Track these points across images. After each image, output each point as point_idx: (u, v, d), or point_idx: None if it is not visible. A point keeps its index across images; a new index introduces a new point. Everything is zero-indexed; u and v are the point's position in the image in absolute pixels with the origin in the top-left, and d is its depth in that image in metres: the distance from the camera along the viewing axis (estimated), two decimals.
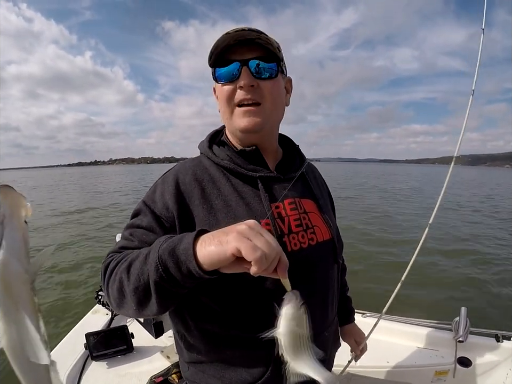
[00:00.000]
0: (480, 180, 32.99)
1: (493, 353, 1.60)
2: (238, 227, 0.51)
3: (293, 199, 0.79)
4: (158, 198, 0.73)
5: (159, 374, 1.47)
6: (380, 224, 8.88)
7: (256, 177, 0.76)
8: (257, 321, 0.71)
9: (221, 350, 0.74)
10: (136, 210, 0.76)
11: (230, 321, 0.72)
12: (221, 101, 0.76)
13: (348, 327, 1.12)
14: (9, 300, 0.31)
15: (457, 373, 1.57)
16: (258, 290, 0.70)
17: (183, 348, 0.80)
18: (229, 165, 0.76)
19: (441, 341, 1.69)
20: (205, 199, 0.72)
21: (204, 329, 0.74)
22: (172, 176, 0.76)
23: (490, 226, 8.92)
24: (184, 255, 0.52)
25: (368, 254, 6.10)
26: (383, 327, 1.78)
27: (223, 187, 0.75)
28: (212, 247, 0.50)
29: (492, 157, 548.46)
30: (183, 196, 0.72)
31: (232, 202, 0.73)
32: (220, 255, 0.49)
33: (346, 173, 49.29)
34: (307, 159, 0.93)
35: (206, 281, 0.58)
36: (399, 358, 1.64)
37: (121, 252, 0.67)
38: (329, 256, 0.83)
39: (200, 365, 0.78)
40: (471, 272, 5.28)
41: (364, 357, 1.15)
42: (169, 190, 0.73)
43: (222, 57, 0.72)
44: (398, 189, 20.37)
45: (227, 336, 0.73)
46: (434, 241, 6.86)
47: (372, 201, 13.36)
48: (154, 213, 0.72)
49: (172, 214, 0.70)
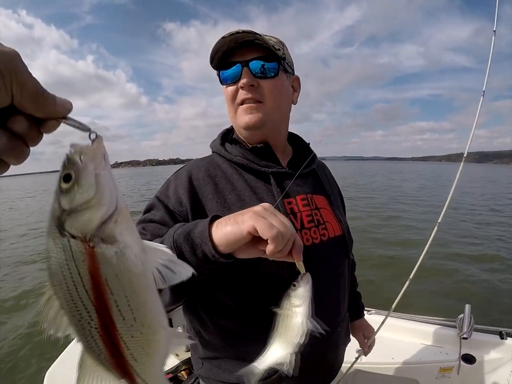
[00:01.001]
0: (490, 178, 32.32)
1: (497, 350, 1.61)
2: (253, 208, 0.53)
3: (305, 195, 0.81)
4: (172, 193, 0.75)
5: (169, 371, 1.51)
6: (389, 224, 8.84)
7: (268, 172, 0.78)
8: (271, 316, 0.73)
9: (237, 345, 0.76)
10: (148, 205, 0.77)
11: (245, 317, 0.74)
12: (226, 102, 0.81)
13: (357, 322, 1.14)
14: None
15: (462, 370, 1.58)
16: (272, 284, 0.70)
17: (199, 344, 0.82)
18: (242, 161, 0.79)
19: (445, 338, 1.70)
20: (219, 194, 0.75)
21: (220, 325, 0.76)
22: (185, 172, 0.78)
23: (499, 225, 8.82)
24: (199, 238, 0.54)
25: (375, 252, 6.10)
26: (388, 324, 1.77)
27: (236, 182, 0.77)
28: (228, 227, 0.52)
29: (499, 154, 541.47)
30: (196, 191, 0.74)
31: (246, 197, 0.75)
32: (236, 235, 0.51)
33: (352, 172, 48.90)
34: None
35: (219, 276, 0.60)
36: (404, 355, 1.66)
37: None
38: (341, 251, 0.84)
39: (216, 360, 0.80)
40: (476, 269, 5.26)
41: (370, 353, 1.17)
42: (183, 185, 0.74)
43: (225, 60, 0.76)
44: (409, 188, 20.13)
45: (243, 331, 0.75)
46: (441, 239, 6.84)
47: (381, 200, 13.28)
48: (168, 208, 0.73)
49: (185, 208, 0.72)
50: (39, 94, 0.30)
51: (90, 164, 0.33)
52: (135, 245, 0.35)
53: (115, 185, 0.35)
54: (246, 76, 0.73)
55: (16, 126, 0.30)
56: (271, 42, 0.72)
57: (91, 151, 0.33)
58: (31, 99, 0.29)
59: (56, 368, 1.57)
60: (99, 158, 0.33)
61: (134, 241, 0.35)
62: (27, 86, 0.29)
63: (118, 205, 0.34)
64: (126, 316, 0.35)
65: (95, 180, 0.32)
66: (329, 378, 0.89)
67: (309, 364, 0.61)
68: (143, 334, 0.37)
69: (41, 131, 0.32)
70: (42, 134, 0.33)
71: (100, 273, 0.33)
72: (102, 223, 0.33)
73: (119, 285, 0.34)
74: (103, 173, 0.33)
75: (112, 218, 0.33)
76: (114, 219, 0.33)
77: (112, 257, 0.33)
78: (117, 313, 0.34)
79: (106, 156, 0.35)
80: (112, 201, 0.33)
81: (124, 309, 0.35)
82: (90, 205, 0.32)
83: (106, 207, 0.33)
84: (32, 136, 0.32)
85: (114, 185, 0.34)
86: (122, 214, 0.34)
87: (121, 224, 0.34)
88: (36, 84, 0.29)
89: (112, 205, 0.33)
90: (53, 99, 0.31)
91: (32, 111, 0.30)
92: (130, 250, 0.34)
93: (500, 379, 1.57)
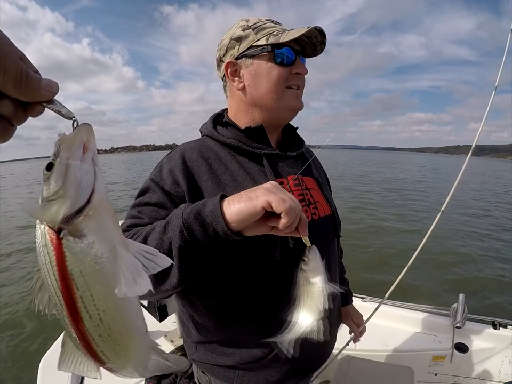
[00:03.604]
0: (494, 174, 32.36)
1: (489, 340, 1.63)
2: (263, 185, 0.55)
3: (296, 175, 0.83)
4: (166, 175, 0.74)
5: None
6: (391, 213, 8.89)
7: (261, 154, 0.79)
8: (266, 295, 0.74)
9: (231, 326, 0.76)
10: (143, 188, 0.76)
11: (238, 297, 0.74)
12: (269, 80, 0.77)
13: (346, 308, 1.16)
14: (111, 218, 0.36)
15: (454, 358, 1.61)
16: (266, 264, 0.72)
17: (191, 328, 0.82)
18: (235, 143, 0.79)
19: (439, 327, 1.72)
20: (213, 174, 0.75)
21: (212, 307, 0.76)
22: (178, 154, 0.77)
23: (495, 217, 8.89)
24: (210, 217, 0.54)
25: (374, 241, 6.14)
26: (382, 311, 1.81)
27: (229, 164, 0.78)
28: (242, 203, 0.53)
29: (496, 148, 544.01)
30: (191, 172, 0.74)
31: (239, 177, 0.76)
32: (250, 210, 0.52)
33: (350, 161, 49.03)
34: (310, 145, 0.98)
35: (216, 255, 0.60)
36: (398, 342, 1.68)
37: (129, 231, 0.67)
38: (331, 230, 0.87)
39: (210, 344, 0.80)
40: (471, 259, 5.33)
41: (364, 341, 1.18)
42: (178, 167, 0.74)
43: (283, 43, 0.75)
44: (411, 180, 20.17)
45: (237, 312, 0.75)
46: (438, 228, 6.90)
47: (382, 193, 13.32)
48: (164, 190, 0.72)
49: (182, 189, 0.72)
50: (22, 78, 0.29)
51: (65, 153, 0.32)
52: (105, 243, 0.33)
53: (94, 176, 0.33)
54: (305, 67, 0.80)
55: (1, 109, 0.30)
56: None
57: (68, 141, 0.32)
58: (13, 84, 0.29)
59: (51, 355, 1.58)
60: (74, 148, 0.32)
61: (105, 238, 0.33)
62: (9, 70, 0.28)
63: (93, 199, 0.33)
64: (92, 315, 0.34)
65: (64, 171, 0.31)
66: (323, 357, 0.90)
67: (303, 342, 0.62)
68: (111, 338, 0.36)
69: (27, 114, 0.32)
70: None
71: (65, 266, 0.32)
72: (68, 216, 0.31)
73: (84, 282, 0.33)
74: (73, 163, 0.32)
75: (82, 212, 0.32)
76: (85, 213, 0.32)
77: (78, 253, 0.32)
78: (83, 309, 0.34)
79: (90, 144, 0.33)
80: (82, 194, 0.32)
81: (90, 308, 0.34)
82: (58, 196, 0.31)
83: (72, 200, 0.31)
84: (18, 117, 0.32)
85: (90, 176, 0.33)
86: (96, 208, 0.33)
87: (91, 220, 0.33)
88: (19, 68, 0.29)
89: (81, 198, 0.32)
90: (38, 83, 0.30)
91: (16, 95, 0.30)
92: (98, 248, 0.33)
93: (491, 368, 1.59)
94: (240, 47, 0.77)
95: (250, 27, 0.76)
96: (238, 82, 0.80)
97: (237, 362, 0.77)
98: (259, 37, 0.75)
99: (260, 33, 0.75)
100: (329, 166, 31.29)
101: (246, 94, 0.80)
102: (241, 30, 0.77)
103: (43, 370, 1.50)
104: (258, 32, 0.75)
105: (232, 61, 0.78)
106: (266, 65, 0.76)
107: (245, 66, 0.78)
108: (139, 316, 0.40)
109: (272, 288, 0.74)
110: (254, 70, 0.77)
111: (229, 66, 0.79)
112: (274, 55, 0.75)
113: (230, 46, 0.78)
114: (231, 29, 0.80)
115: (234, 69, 0.79)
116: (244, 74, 0.78)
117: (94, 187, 0.33)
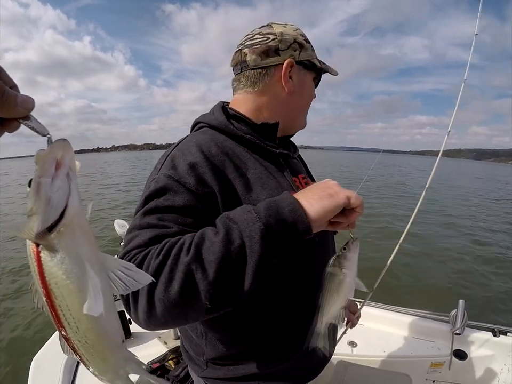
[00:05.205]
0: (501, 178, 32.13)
1: (489, 347, 1.60)
2: (329, 182, 0.58)
3: (304, 174, 0.88)
4: (186, 172, 0.62)
5: (156, 360, 1.49)
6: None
7: (277, 153, 0.78)
8: (295, 299, 0.73)
9: (250, 339, 0.73)
10: (157, 188, 0.61)
11: (258, 309, 0.70)
12: (309, 96, 0.86)
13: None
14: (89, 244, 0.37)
15: (453, 365, 1.57)
16: (298, 266, 0.72)
17: (204, 345, 0.75)
18: (253, 139, 0.75)
19: (438, 333, 1.69)
20: (238, 172, 0.69)
21: (236, 320, 0.70)
22: (195, 147, 0.66)
23: (496, 223, 8.86)
24: (292, 217, 0.51)
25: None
26: (380, 316, 1.79)
27: (248, 161, 0.73)
28: (325, 201, 0.53)
29: (497, 153, 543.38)
30: (218, 169, 0.65)
31: (263, 175, 0.72)
32: (334, 207, 0.53)
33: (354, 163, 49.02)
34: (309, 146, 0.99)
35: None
36: (396, 348, 1.65)
37: (156, 244, 0.53)
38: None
39: (226, 358, 0.75)
40: (472, 265, 5.29)
41: (361, 346, 1.15)
42: (201, 162, 0.63)
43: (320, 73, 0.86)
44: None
45: (264, 321, 0.72)
46: (437, 231, 6.90)
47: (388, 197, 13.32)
48: (190, 190, 0.60)
49: (211, 190, 0.62)
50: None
51: (37, 171, 0.33)
52: (75, 259, 0.35)
53: (68, 192, 0.34)
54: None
55: None
56: None
57: (41, 158, 0.33)
58: None
59: (43, 355, 1.55)
60: (46, 165, 0.33)
61: (75, 255, 0.35)
62: None
63: (66, 215, 0.33)
64: (70, 322, 0.37)
65: (37, 188, 0.32)
66: (323, 360, 0.87)
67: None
68: (89, 344, 0.39)
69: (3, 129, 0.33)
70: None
71: (44, 277, 0.34)
72: (41, 232, 0.33)
73: (60, 293, 0.35)
74: (44, 181, 0.32)
75: (56, 228, 0.33)
76: (57, 230, 0.33)
77: (52, 267, 0.34)
78: (63, 317, 0.36)
79: (64, 160, 0.34)
80: (52, 211, 0.33)
81: (67, 316, 0.36)
82: (32, 212, 0.33)
83: (42, 217, 0.32)
84: None
85: (62, 193, 0.33)
86: (68, 225, 0.34)
87: (64, 236, 0.34)
88: None
89: (52, 215, 0.33)
90: (14, 100, 0.31)
91: None
92: (68, 264, 0.34)
93: (490, 376, 1.56)
94: (301, 54, 0.78)
95: (309, 43, 0.81)
96: (291, 85, 0.78)
97: (257, 370, 0.73)
98: (314, 56, 0.82)
99: (314, 53, 0.83)
100: (328, 165, 31.15)
101: (289, 98, 0.80)
102: (303, 39, 0.79)
103: (34, 369, 1.47)
104: (313, 52, 0.82)
105: (293, 61, 0.77)
106: (311, 83, 0.84)
107: (298, 74, 0.79)
108: (113, 328, 0.41)
109: (302, 286, 0.73)
110: (304, 81, 0.82)
111: (289, 65, 0.76)
112: (318, 79, 0.86)
113: (293, 47, 0.77)
114: (287, 29, 0.78)
115: (289, 70, 0.77)
116: (295, 81, 0.79)
117: (67, 203, 0.33)
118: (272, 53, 0.75)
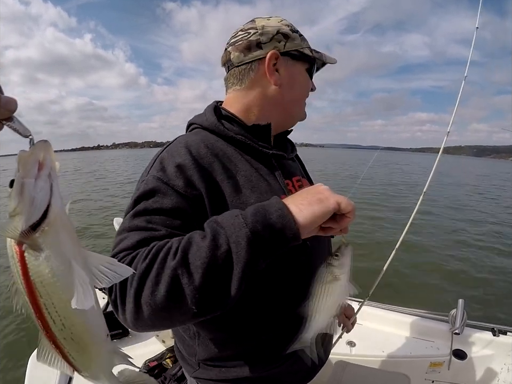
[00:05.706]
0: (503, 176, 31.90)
1: (488, 347, 1.59)
2: (319, 187, 0.56)
3: (299, 177, 0.84)
4: (174, 174, 0.62)
5: (154, 359, 1.48)
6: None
7: (269, 154, 0.76)
8: (290, 299, 0.71)
9: (249, 338, 0.72)
10: (146, 190, 0.61)
11: (253, 309, 0.69)
12: (302, 88, 0.82)
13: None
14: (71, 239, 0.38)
15: (452, 365, 1.56)
16: (293, 267, 0.71)
17: (196, 346, 0.74)
18: (244, 140, 0.74)
19: (437, 332, 1.68)
20: (227, 174, 0.67)
21: (229, 320, 0.69)
22: (183, 149, 0.66)
23: (496, 221, 8.83)
24: (280, 223, 0.50)
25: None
26: (379, 316, 1.78)
27: (238, 162, 0.72)
28: (315, 206, 0.52)
29: (497, 149, 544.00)
30: (207, 171, 0.65)
31: (253, 178, 0.71)
32: (324, 213, 0.52)
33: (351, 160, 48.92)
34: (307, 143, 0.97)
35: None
36: (395, 348, 1.64)
37: (143, 247, 0.53)
38: None
39: (218, 360, 0.74)
40: (471, 264, 5.27)
41: (359, 346, 1.14)
42: (188, 163, 0.63)
43: (317, 63, 0.83)
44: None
45: (258, 321, 0.70)
46: (437, 231, 6.88)
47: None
48: (178, 192, 0.60)
49: (198, 192, 0.62)
50: None
51: (20, 172, 0.34)
52: (60, 257, 0.36)
53: (50, 192, 0.35)
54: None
55: None
56: None
57: (23, 159, 0.34)
58: None
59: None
60: (29, 166, 0.34)
61: (60, 252, 0.36)
62: None
63: (50, 214, 0.34)
64: (56, 320, 0.38)
65: (20, 189, 0.33)
66: (317, 365, 0.86)
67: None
68: (75, 341, 0.40)
69: None
70: None
71: (29, 277, 0.35)
72: (25, 231, 0.33)
73: (45, 291, 0.36)
74: (27, 181, 0.33)
75: (39, 227, 0.34)
76: (41, 228, 0.34)
77: (37, 265, 0.35)
78: (48, 315, 0.37)
79: (46, 161, 0.34)
80: (36, 210, 0.34)
81: (53, 314, 0.37)
82: (16, 212, 0.33)
83: (26, 216, 0.33)
84: None
85: (45, 193, 0.34)
86: (52, 223, 0.35)
87: (48, 235, 0.35)
88: None
89: (35, 214, 0.34)
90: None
91: None
92: (54, 262, 0.35)
93: (490, 375, 1.55)
94: (286, 45, 0.75)
95: (297, 32, 0.78)
96: (277, 78, 0.76)
97: (249, 373, 0.72)
98: (303, 46, 0.78)
99: (304, 43, 0.79)
100: (329, 163, 31.15)
101: (278, 91, 0.77)
102: (289, 29, 0.76)
103: (32, 367, 1.46)
104: (303, 41, 0.78)
105: (277, 53, 0.74)
106: (303, 74, 0.80)
107: (285, 66, 0.76)
108: (98, 322, 0.43)
109: (295, 290, 0.71)
110: (293, 72, 0.78)
111: (273, 57, 0.74)
112: (312, 68, 0.81)
113: (277, 38, 0.74)
114: (271, 21, 0.75)
115: (274, 62, 0.75)
116: (282, 73, 0.76)
117: (50, 202, 0.34)
118: (254, 47, 0.74)
